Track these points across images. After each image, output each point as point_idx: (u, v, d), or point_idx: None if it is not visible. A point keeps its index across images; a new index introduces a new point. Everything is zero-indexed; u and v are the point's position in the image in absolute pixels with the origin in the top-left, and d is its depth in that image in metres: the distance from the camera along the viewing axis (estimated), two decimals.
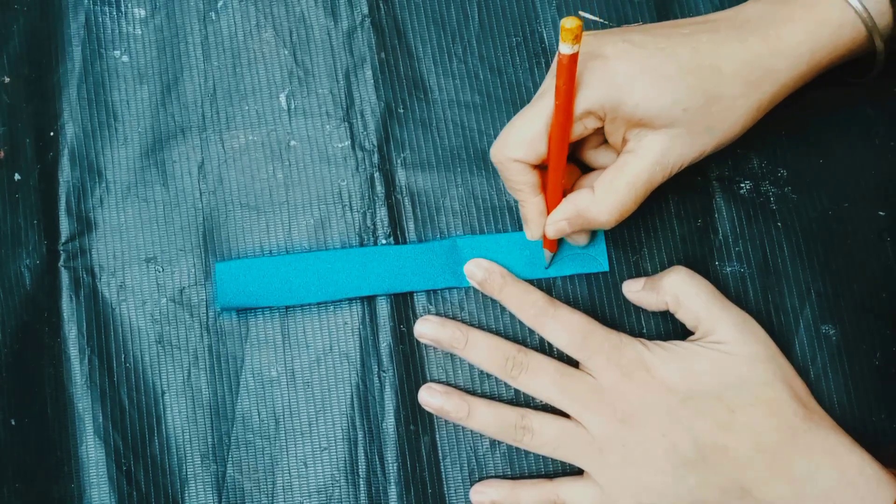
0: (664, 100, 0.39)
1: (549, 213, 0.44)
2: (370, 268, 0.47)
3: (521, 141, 0.42)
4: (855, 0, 0.41)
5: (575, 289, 0.48)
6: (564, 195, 0.44)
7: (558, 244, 0.47)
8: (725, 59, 0.40)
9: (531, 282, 0.47)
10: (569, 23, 0.36)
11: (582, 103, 0.40)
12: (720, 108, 0.40)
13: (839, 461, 0.42)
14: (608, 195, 0.41)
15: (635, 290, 0.46)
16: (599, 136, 0.45)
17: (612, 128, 0.42)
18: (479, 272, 0.47)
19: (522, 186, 0.43)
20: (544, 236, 0.45)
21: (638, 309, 0.47)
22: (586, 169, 0.47)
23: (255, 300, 0.47)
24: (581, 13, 0.49)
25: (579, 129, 0.42)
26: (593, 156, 0.46)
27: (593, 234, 0.47)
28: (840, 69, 0.44)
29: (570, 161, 0.45)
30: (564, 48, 0.37)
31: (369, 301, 0.48)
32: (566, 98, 0.39)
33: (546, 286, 0.48)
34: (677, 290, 0.44)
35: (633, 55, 0.40)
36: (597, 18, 0.49)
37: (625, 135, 0.41)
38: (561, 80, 0.38)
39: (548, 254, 0.47)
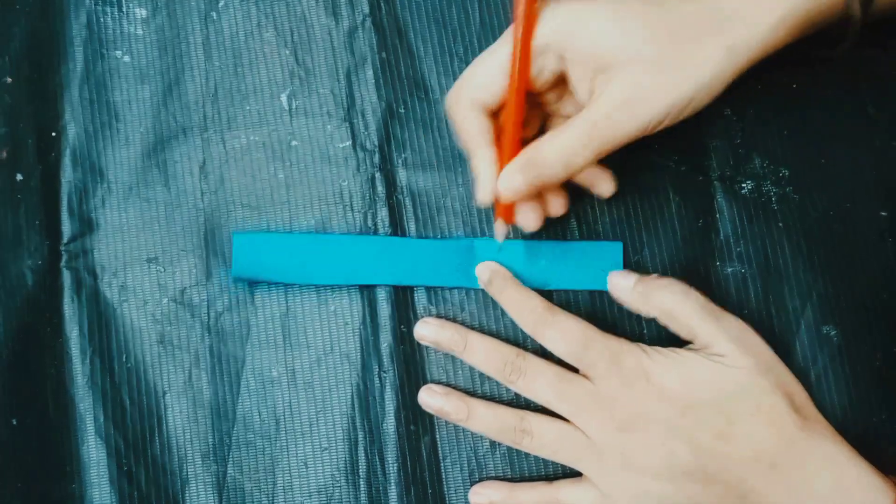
0: (619, 31, 0.38)
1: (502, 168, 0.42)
2: (387, 256, 0.47)
3: (475, 82, 0.41)
4: None
5: (576, 290, 0.48)
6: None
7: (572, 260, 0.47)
8: (686, 1, 0.39)
9: (543, 292, 0.47)
10: None
11: (539, 37, 0.39)
12: (683, 45, 0.38)
13: (837, 470, 0.42)
14: (559, 136, 0.39)
15: (622, 286, 0.45)
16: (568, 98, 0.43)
17: (575, 72, 0.40)
18: (486, 273, 0.46)
19: (474, 135, 0.41)
20: (496, 203, 0.43)
21: None
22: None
23: (269, 274, 0.48)
24: None
25: (538, 70, 0.40)
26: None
27: (611, 257, 0.47)
28: (809, 43, 0.42)
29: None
30: None
31: (370, 301, 0.48)
32: (524, 39, 0.38)
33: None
34: (669, 306, 0.44)
35: None
36: None
37: (591, 87, 0.39)
38: (517, 21, 0.37)
39: (500, 226, 0.45)
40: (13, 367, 0.48)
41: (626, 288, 0.45)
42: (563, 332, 0.44)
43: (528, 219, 0.44)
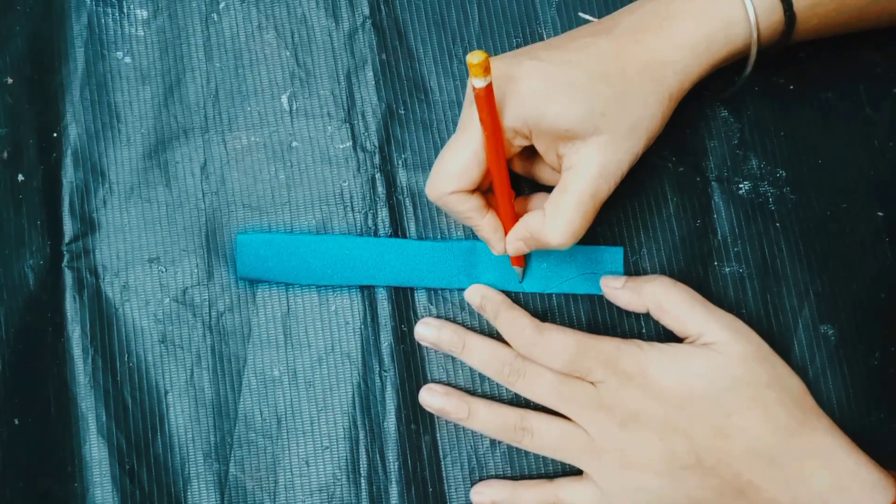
0: (581, 109, 0.40)
1: (506, 232, 0.45)
2: (389, 258, 0.48)
3: (452, 174, 0.42)
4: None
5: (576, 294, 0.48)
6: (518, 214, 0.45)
7: (554, 260, 0.48)
8: (628, 61, 0.41)
9: (542, 295, 0.48)
10: (475, 58, 0.36)
11: (507, 127, 0.41)
12: (635, 108, 0.41)
13: (835, 465, 0.42)
14: (557, 217, 0.41)
15: (614, 287, 0.46)
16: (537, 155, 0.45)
17: (543, 145, 0.42)
18: (476, 297, 0.47)
19: (468, 213, 0.44)
20: (512, 257, 0.46)
21: None
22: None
23: (272, 274, 0.48)
24: (581, 14, 0.50)
25: (509, 149, 0.43)
26: (539, 172, 0.47)
27: (611, 262, 0.48)
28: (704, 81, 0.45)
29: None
30: (477, 83, 0.37)
31: (370, 301, 0.48)
32: (492, 126, 0.40)
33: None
34: (660, 298, 0.45)
35: (542, 71, 0.41)
36: (596, 20, 0.49)
37: (558, 151, 0.42)
38: (483, 112, 0.39)
39: (518, 269, 0.47)
40: (15, 366, 0.48)
41: (617, 287, 0.46)
42: (555, 350, 0.45)
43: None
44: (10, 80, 0.50)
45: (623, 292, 0.46)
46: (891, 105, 0.48)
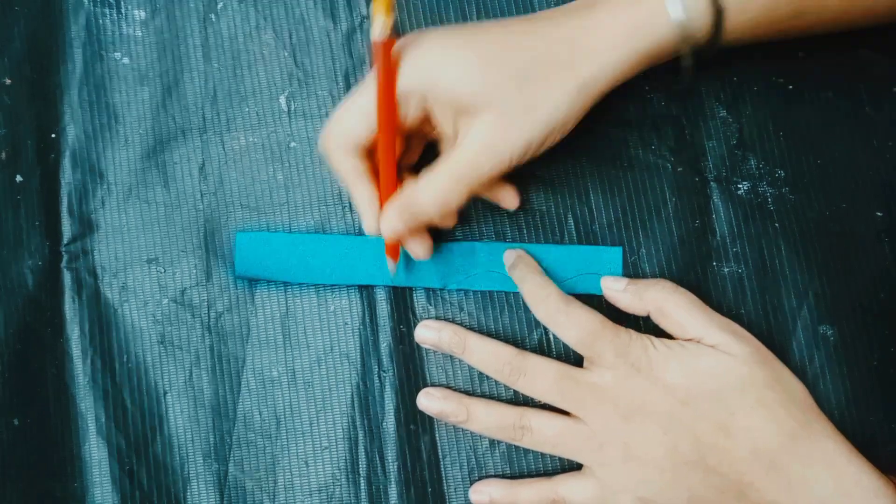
0: (476, 79, 0.39)
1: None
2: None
3: (343, 125, 0.42)
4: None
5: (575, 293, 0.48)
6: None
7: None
8: (538, 39, 0.40)
9: None
10: (378, 7, 0.37)
11: (400, 86, 0.41)
12: (536, 89, 0.40)
13: (837, 470, 0.42)
14: (431, 182, 0.41)
15: (615, 289, 0.46)
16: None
17: (439, 113, 0.42)
18: (512, 257, 0.47)
19: (347, 174, 0.43)
20: (386, 244, 0.46)
21: None
22: None
23: (271, 273, 0.48)
24: None
25: (403, 114, 0.42)
26: None
27: (610, 262, 0.48)
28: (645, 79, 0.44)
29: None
30: (377, 32, 0.38)
31: (369, 301, 0.48)
32: (386, 82, 0.39)
33: None
34: (661, 302, 0.45)
35: (446, 40, 0.41)
36: None
37: (455, 126, 0.41)
38: (378, 63, 0.39)
39: (390, 262, 0.47)
40: (14, 367, 0.49)
41: (619, 290, 0.46)
42: (577, 322, 0.44)
43: (416, 249, 0.46)
44: (8, 81, 0.50)
45: (624, 295, 0.46)
46: (891, 104, 0.48)
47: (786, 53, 0.48)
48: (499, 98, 0.39)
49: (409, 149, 0.46)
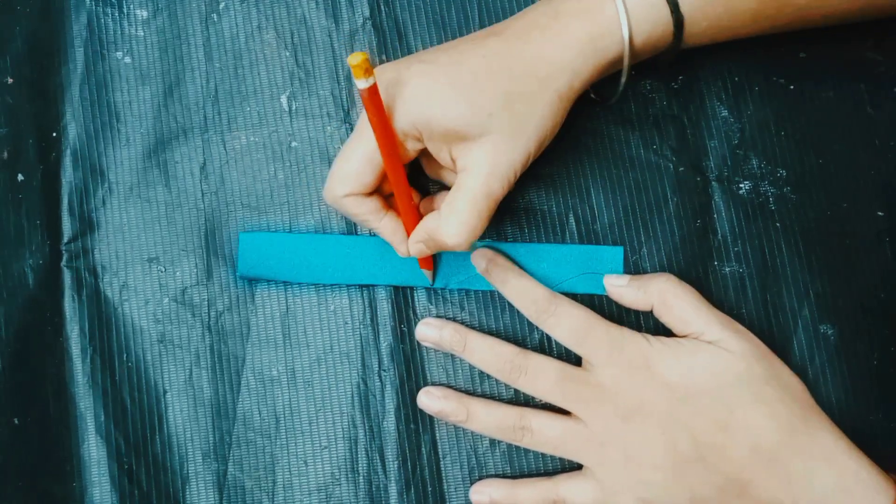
0: (466, 108, 0.40)
1: (408, 233, 0.45)
2: (390, 258, 0.48)
3: (344, 177, 0.43)
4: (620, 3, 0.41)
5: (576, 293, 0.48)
6: (421, 214, 0.45)
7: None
8: (514, 59, 0.41)
9: None
10: (354, 59, 0.37)
11: (399, 129, 0.42)
12: (522, 107, 0.41)
13: (837, 466, 0.42)
14: (452, 217, 0.42)
15: (618, 285, 0.46)
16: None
17: (435, 147, 0.42)
18: (483, 261, 0.47)
19: (366, 216, 0.44)
20: (419, 259, 0.46)
21: None
22: None
23: (274, 273, 0.48)
24: None
25: (403, 153, 0.43)
26: (446, 175, 0.47)
27: (611, 261, 0.48)
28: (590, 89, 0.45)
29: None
30: (360, 83, 0.38)
31: (370, 300, 0.48)
32: (382, 126, 0.40)
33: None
34: (665, 294, 0.45)
35: (428, 73, 0.41)
36: None
37: (451, 153, 0.42)
38: (370, 111, 0.39)
39: (427, 272, 0.48)
40: (14, 366, 0.48)
41: (622, 285, 0.46)
42: (566, 320, 0.45)
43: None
44: (9, 80, 0.50)
45: (628, 290, 0.46)
46: (892, 104, 0.48)
47: (787, 53, 0.48)
48: (493, 124, 0.40)
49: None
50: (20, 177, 0.50)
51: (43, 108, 0.50)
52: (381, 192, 0.45)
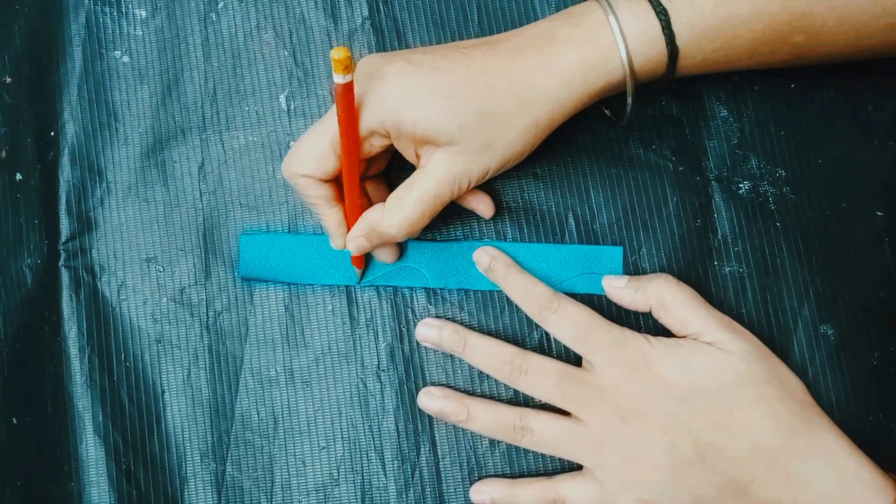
0: (439, 117, 0.40)
1: (349, 229, 0.45)
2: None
3: (307, 158, 0.43)
4: (615, 26, 0.41)
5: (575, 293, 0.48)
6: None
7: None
8: (498, 76, 0.41)
9: None
10: (337, 53, 0.37)
11: (364, 124, 0.41)
12: (495, 126, 0.41)
13: (837, 465, 0.42)
14: (396, 210, 0.42)
15: (617, 286, 0.46)
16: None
17: (401, 145, 0.43)
18: (486, 258, 0.47)
19: (316, 200, 0.44)
20: (352, 256, 0.46)
21: None
22: None
23: (275, 274, 0.48)
24: None
25: (368, 148, 0.43)
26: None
27: (610, 261, 0.48)
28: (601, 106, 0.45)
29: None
30: (337, 79, 0.38)
31: (369, 300, 0.48)
32: (348, 122, 0.40)
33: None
34: (664, 295, 0.45)
35: (409, 74, 0.41)
36: None
37: (416, 151, 0.42)
38: (340, 107, 0.39)
39: (357, 269, 0.48)
40: (12, 365, 0.48)
41: (620, 286, 0.46)
42: (568, 318, 0.45)
43: (384, 256, 0.48)
44: (8, 80, 0.50)
45: (627, 291, 0.46)
46: (892, 104, 0.48)
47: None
48: (461, 136, 0.41)
49: (374, 163, 0.46)
50: (18, 176, 0.49)
51: (41, 107, 0.50)
52: (338, 182, 0.45)
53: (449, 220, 0.48)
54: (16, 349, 0.48)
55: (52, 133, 0.49)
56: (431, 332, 0.47)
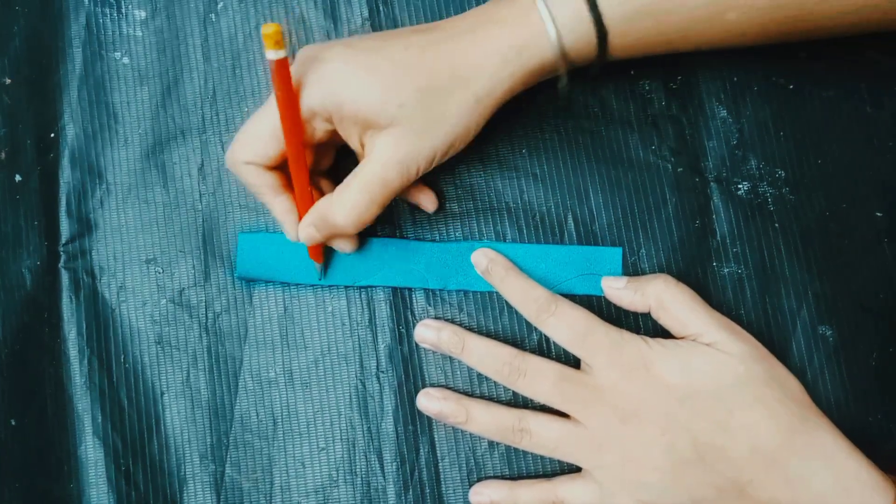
0: (377, 96, 0.40)
1: (300, 218, 0.45)
2: (388, 259, 0.48)
3: (248, 144, 0.43)
4: (543, 7, 0.41)
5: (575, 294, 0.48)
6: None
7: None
8: (436, 57, 0.41)
9: None
10: (267, 28, 0.37)
11: (304, 104, 0.41)
12: (437, 105, 0.41)
13: (836, 465, 0.42)
14: (344, 198, 0.42)
15: (616, 287, 0.46)
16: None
17: (345, 130, 0.42)
18: (484, 261, 0.47)
19: (262, 189, 0.44)
20: (308, 248, 0.46)
21: None
22: None
23: (273, 274, 0.48)
24: None
25: (311, 132, 0.43)
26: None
27: (610, 262, 0.47)
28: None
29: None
30: (269, 54, 0.38)
31: (368, 302, 0.48)
32: (287, 100, 0.40)
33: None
34: (663, 295, 0.45)
35: (346, 56, 0.41)
36: None
37: (361, 139, 0.42)
38: (276, 85, 0.39)
39: (317, 265, 0.48)
40: (12, 367, 0.48)
41: (619, 287, 0.46)
42: (566, 321, 0.45)
43: (342, 246, 0.47)
44: (8, 81, 0.50)
45: (626, 292, 0.46)
46: (892, 104, 0.48)
47: (786, 53, 0.48)
48: (402, 115, 0.41)
49: (322, 156, 0.47)
50: (18, 177, 0.50)
51: (41, 108, 0.50)
52: (284, 170, 0.44)
53: (449, 220, 0.48)
54: (15, 350, 0.48)
55: (52, 134, 0.49)
56: (430, 333, 0.47)
